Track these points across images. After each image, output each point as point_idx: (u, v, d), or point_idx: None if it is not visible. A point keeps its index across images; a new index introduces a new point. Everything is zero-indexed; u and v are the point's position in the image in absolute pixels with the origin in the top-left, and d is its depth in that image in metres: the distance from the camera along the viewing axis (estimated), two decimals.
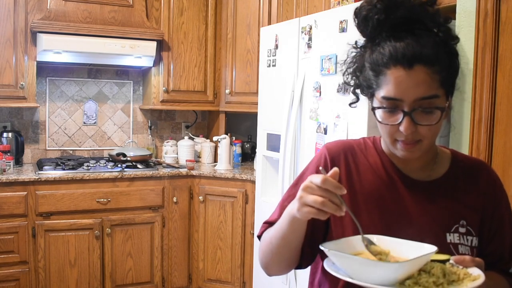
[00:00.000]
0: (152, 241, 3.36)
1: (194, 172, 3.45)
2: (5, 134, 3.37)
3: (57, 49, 3.21)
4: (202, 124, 4.20)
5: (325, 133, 2.29)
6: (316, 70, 2.33)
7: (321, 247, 0.93)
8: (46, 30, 3.16)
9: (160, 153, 3.94)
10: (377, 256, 0.94)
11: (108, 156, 3.65)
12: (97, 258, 3.19)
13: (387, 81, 0.97)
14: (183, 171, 3.44)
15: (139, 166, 3.44)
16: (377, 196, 1.09)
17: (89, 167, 3.27)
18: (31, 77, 3.28)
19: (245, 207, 3.32)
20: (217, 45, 3.77)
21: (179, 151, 3.75)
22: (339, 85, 2.17)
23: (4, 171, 3.06)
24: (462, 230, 1.07)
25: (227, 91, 3.74)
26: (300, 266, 1.13)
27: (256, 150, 3.16)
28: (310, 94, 2.42)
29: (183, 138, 3.90)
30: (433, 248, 0.90)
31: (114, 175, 3.23)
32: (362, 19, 1.01)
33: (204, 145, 3.86)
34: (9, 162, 3.10)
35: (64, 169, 3.18)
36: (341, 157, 1.13)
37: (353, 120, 2.11)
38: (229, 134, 3.75)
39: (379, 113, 1.02)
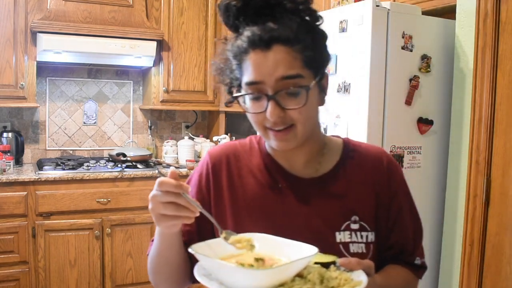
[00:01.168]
0: None
1: None
2: (5, 134, 3.37)
3: (57, 49, 3.21)
4: (202, 124, 4.20)
5: (325, 133, 2.29)
6: None
7: (190, 250, 0.85)
8: (46, 30, 3.16)
9: (160, 153, 3.94)
10: (237, 245, 0.86)
11: (108, 156, 3.65)
12: (97, 258, 3.19)
13: (247, 66, 0.93)
14: (183, 171, 3.44)
15: (139, 166, 3.44)
16: (261, 200, 1.03)
17: (89, 167, 3.27)
18: (31, 77, 3.28)
19: None
20: (217, 45, 3.77)
21: (179, 151, 3.75)
22: (339, 85, 2.17)
23: (4, 171, 3.06)
24: (354, 226, 1.00)
25: None
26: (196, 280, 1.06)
27: None
28: None
29: (183, 138, 3.90)
30: (313, 250, 0.82)
31: (114, 175, 3.23)
32: (224, 10, 0.96)
33: (204, 145, 3.86)
34: (9, 162, 3.10)
35: (64, 169, 3.18)
36: (223, 162, 1.07)
37: (353, 120, 2.11)
38: (229, 134, 3.75)
39: (245, 102, 0.96)
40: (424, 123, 2.17)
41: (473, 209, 2.02)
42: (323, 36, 0.99)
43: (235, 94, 0.98)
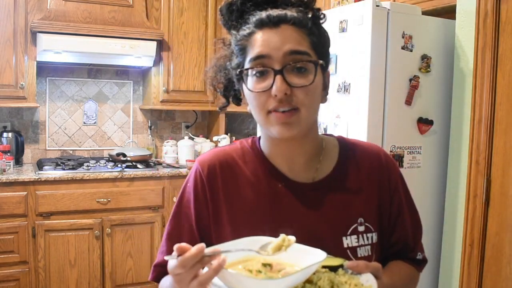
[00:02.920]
0: (152, 241, 3.35)
1: None
2: (5, 134, 3.37)
3: (57, 49, 3.21)
4: (202, 124, 4.20)
5: (325, 133, 2.29)
6: None
7: None
8: (46, 30, 3.16)
9: (160, 153, 3.94)
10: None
11: (108, 156, 3.65)
12: (97, 258, 3.19)
13: (254, 44, 0.91)
14: (183, 171, 3.44)
15: (139, 166, 3.44)
16: (262, 209, 0.97)
17: (89, 167, 3.27)
18: (31, 77, 3.27)
19: None
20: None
21: (179, 151, 3.75)
22: (339, 85, 2.17)
23: (4, 171, 3.06)
24: (361, 228, 0.97)
25: None
26: None
27: None
28: None
29: (183, 138, 3.90)
30: (322, 256, 0.79)
31: (114, 175, 3.23)
32: (227, 10, 0.96)
33: (204, 145, 3.86)
34: (9, 162, 3.10)
35: (64, 169, 3.18)
36: (217, 172, 0.99)
37: (353, 120, 2.11)
38: (229, 134, 3.75)
39: (248, 80, 0.92)
40: (424, 123, 2.17)
41: (473, 209, 2.02)
42: (327, 34, 0.98)
43: (238, 70, 0.93)
